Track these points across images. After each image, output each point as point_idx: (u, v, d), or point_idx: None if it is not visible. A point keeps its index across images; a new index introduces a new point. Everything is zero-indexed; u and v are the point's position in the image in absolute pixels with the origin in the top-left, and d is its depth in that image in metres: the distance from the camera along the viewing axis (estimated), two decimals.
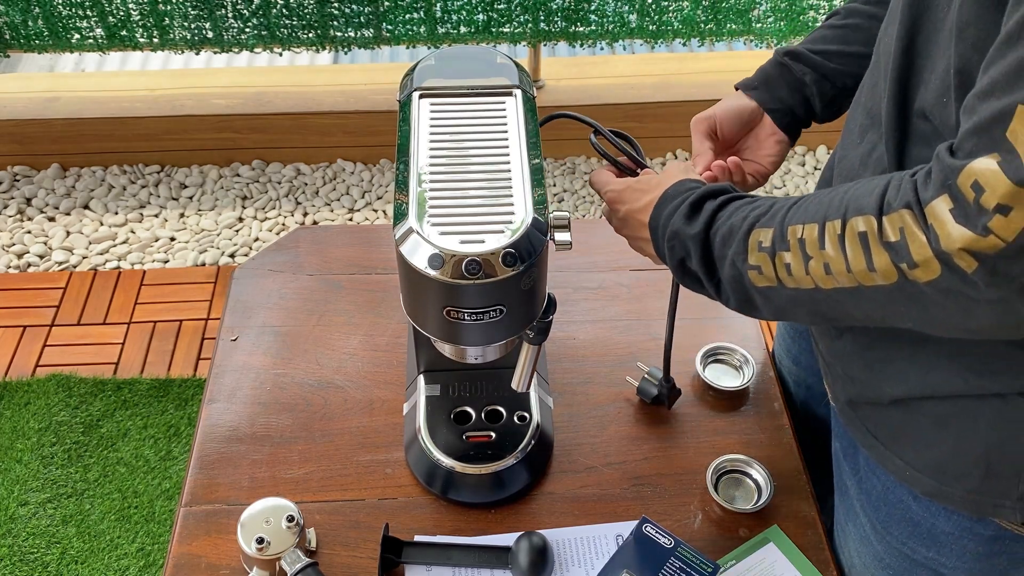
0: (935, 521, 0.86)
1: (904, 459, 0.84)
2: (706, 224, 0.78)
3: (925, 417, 0.81)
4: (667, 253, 0.83)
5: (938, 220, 0.59)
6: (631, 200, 0.89)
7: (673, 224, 0.81)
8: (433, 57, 1.00)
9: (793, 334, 1.18)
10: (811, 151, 2.84)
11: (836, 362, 0.90)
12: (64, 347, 2.29)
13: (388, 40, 2.57)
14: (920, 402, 0.81)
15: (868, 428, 0.88)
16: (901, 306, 0.65)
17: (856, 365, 0.86)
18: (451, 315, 0.83)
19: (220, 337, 1.22)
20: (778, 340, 1.25)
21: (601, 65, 2.89)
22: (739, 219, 0.76)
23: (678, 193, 0.83)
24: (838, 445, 1.00)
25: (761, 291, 0.74)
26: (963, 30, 0.63)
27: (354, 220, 2.66)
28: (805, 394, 1.19)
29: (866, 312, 0.68)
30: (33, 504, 1.95)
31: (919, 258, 0.61)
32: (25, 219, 2.64)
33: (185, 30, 2.49)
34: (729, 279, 0.77)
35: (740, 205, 0.78)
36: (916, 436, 0.83)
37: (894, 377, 0.82)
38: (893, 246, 0.62)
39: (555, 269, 1.28)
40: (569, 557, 0.99)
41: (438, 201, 0.84)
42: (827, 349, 0.91)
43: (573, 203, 2.71)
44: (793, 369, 1.20)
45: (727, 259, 0.76)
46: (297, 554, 0.93)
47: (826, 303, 0.70)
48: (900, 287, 0.63)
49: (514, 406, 1.08)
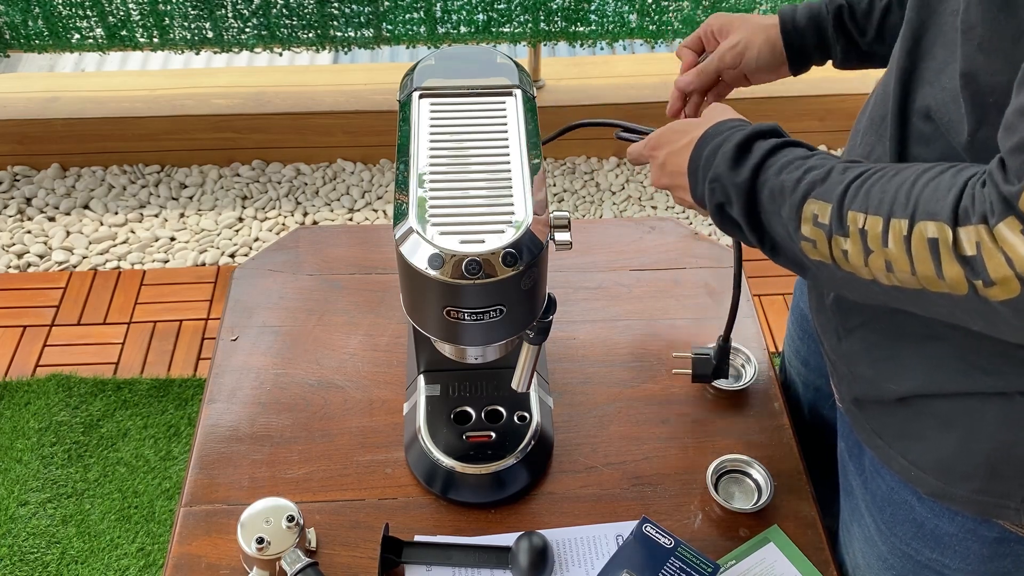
0: (939, 522, 0.86)
1: (909, 459, 0.84)
2: (753, 173, 0.73)
3: (931, 416, 0.81)
4: (706, 195, 0.78)
5: (1008, 243, 0.56)
6: (670, 142, 0.85)
7: (716, 167, 0.76)
8: (433, 57, 1.00)
9: (802, 335, 1.17)
10: None
11: (841, 361, 0.89)
12: (64, 347, 2.29)
13: (388, 40, 2.57)
14: (926, 400, 0.80)
15: (873, 427, 0.87)
16: (967, 315, 0.62)
17: (862, 363, 0.86)
18: (451, 315, 0.83)
19: (220, 337, 1.22)
20: (787, 342, 1.24)
21: (601, 65, 2.89)
22: (791, 180, 0.70)
23: (720, 132, 0.78)
24: (843, 445, 0.99)
25: (814, 263, 0.70)
26: (969, 31, 0.63)
27: (354, 220, 2.66)
28: (814, 396, 1.18)
29: (926, 310, 0.65)
30: (33, 504, 1.95)
31: (996, 276, 0.57)
32: (25, 219, 2.64)
33: (185, 30, 2.49)
34: (779, 239, 0.72)
35: (792, 159, 0.72)
36: (921, 435, 0.82)
37: (900, 374, 0.81)
38: (968, 260, 0.58)
39: (555, 269, 1.28)
40: (569, 557, 0.99)
41: (438, 201, 0.84)
42: (833, 348, 0.91)
43: (573, 203, 2.71)
44: (802, 371, 1.19)
45: (778, 218, 0.71)
46: (297, 554, 0.93)
47: (884, 296, 0.67)
48: (969, 300, 0.60)
49: (514, 406, 1.08)
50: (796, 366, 1.20)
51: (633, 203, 2.73)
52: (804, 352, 1.17)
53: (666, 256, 1.34)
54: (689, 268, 1.32)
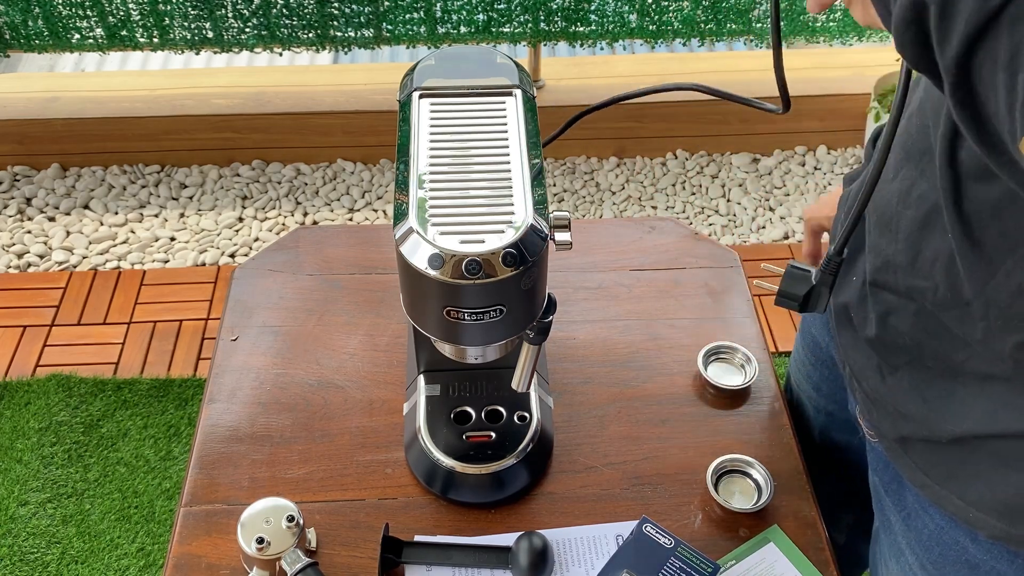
0: (996, 564, 0.82)
1: (966, 500, 0.80)
2: None
3: (989, 455, 0.77)
4: None
5: None
6: None
7: None
8: (433, 57, 1.00)
9: (813, 361, 1.14)
10: (811, 151, 2.83)
11: (885, 400, 0.85)
12: (64, 347, 2.29)
13: (388, 40, 2.57)
14: (984, 440, 0.76)
15: (919, 466, 0.84)
16: None
17: (911, 402, 0.82)
18: (451, 315, 0.83)
19: (220, 337, 1.22)
20: (795, 365, 1.21)
21: (601, 65, 2.89)
22: None
23: None
24: (877, 479, 0.96)
25: None
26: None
27: (354, 220, 2.66)
28: (825, 420, 1.16)
29: None
30: (33, 504, 1.95)
31: None
32: (25, 219, 2.64)
33: (185, 30, 2.49)
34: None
35: None
36: (978, 475, 0.78)
37: (958, 414, 0.77)
38: None
39: (555, 269, 1.28)
40: (569, 557, 0.99)
41: (438, 201, 0.84)
42: (873, 388, 0.86)
43: (573, 203, 2.71)
44: (813, 395, 1.16)
45: None
46: (297, 554, 0.93)
47: None
48: None
49: (514, 406, 1.08)
50: (806, 390, 1.18)
51: (633, 203, 2.73)
52: (816, 378, 1.14)
53: (666, 256, 1.34)
54: (689, 268, 1.32)
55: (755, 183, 2.77)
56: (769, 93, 0.81)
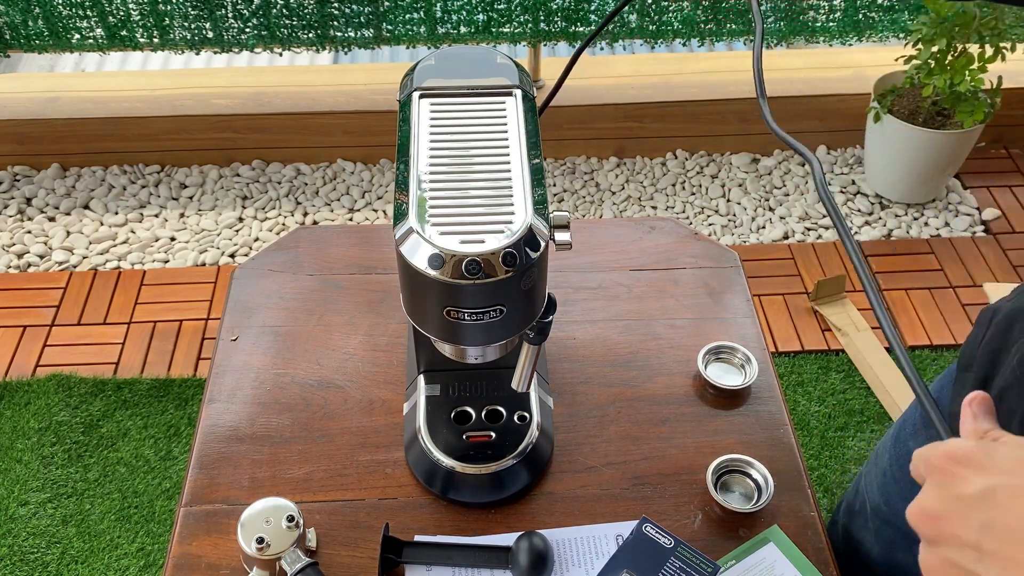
0: None
1: None
2: None
3: None
4: None
5: None
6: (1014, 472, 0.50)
7: None
8: (433, 57, 1.00)
9: (899, 475, 1.04)
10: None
11: None
12: (64, 347, 2.29)
13: (388, 40, 2.57)
14: None
15: None
16: None
17: None
18: (451, 315, 0.83)
19: (220, 337, 1.22)
20: (873, 472, 1.12)
21: (601, 65, 2.89)
22: None
23: None
24: None
25: None
26: None
27: (354, 220, 2.66)
28: (893, 534, 1.08)
29: None
30: (33, 504, 1.95)
31: None
32: (25, 219, 2.64)
33: (185, 30, 2.49)
34: None
35: None
36: None
37: None
38: None
39: (555, 269, 1.28)
40: (569, 557, 0.99)
41: (438, 201, 0.84)
42: None
43: (573, 203, 2.71)
44: (882, 509, 1.08)
45: None
46: (297, 554, 0.93)
47: None
48: None
49: (514, 406, 1.08)
50: (877, 499, 1.07)
51: (633, 203, 2.73)
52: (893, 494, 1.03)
53: (666, 256, 1.34)
54: (689, 268, 1.32)
55: (755, 183, 2.77)
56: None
